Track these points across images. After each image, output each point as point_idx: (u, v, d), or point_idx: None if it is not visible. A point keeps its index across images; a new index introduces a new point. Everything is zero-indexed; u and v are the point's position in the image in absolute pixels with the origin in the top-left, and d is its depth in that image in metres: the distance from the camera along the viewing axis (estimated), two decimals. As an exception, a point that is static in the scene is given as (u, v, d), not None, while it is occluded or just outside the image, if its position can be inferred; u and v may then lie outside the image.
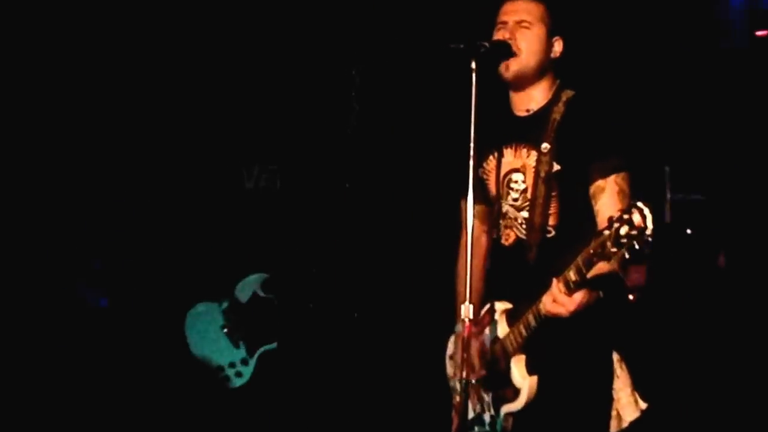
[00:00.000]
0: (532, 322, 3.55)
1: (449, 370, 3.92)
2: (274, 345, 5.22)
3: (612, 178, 3.56)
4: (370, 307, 5.24)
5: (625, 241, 3.06)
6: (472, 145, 3.44)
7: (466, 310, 3.43)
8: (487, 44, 3.55)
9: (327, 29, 5.34)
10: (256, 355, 5.28)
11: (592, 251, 3.20)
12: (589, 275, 3.32)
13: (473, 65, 3.47)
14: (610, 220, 3.12)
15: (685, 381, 5.13)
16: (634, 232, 3.05)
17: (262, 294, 5.32)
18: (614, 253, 3.10)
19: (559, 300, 3.39)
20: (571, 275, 3.32)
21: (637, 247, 3.04)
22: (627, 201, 3.49)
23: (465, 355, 3.42)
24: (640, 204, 3.06)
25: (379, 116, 5.32)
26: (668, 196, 5.40)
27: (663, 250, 4.81)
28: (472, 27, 3.77)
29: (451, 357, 3.91)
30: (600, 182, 3.57)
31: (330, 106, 5.36)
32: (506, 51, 3.64)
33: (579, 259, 3.28)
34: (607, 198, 3.55)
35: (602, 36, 5.06)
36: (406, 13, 5.22)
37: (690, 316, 5.24)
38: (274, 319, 5.22)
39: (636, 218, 3.05)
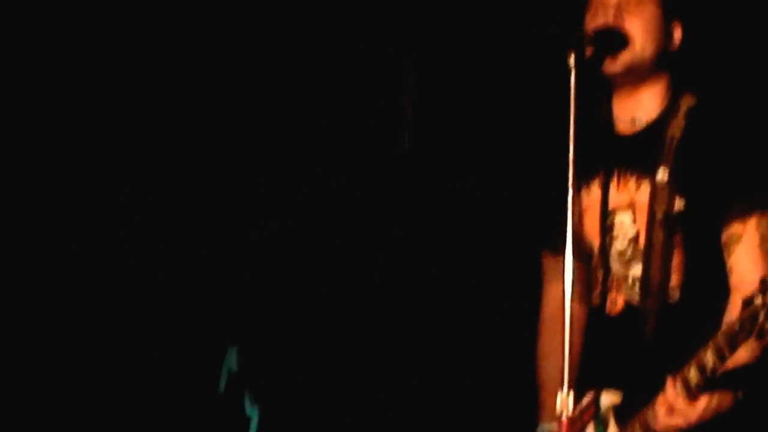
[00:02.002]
0: (652, 427, 3.09)
1: None
2: None
3: (753, 222, 3.15)
4: (417, 401, 4.84)
5: None
6: (570, 170, 2.95)
7: (564, 402, 2.92)
8: (589, 33, 3.16)
9: (368, 13, 4.93)
10: None
11: (738, 326, 2.78)
12: (731, 362, 2.90)
13: (571, 61, 2.98)
14: (764, 282, 2.72)
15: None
16: None
17: (234, 369, 4.92)
18: None
19: (676, 408, 2.99)
20: (695, 374, 2.92)
21: None
22: None
23: None
24: None
25: (439, 131, 4.87)
26: None
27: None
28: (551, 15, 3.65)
29: None
30: (736, 226, 3.15)
31: (373, 115, 4.94)
32: (617, 40, 3.19)
33: (719, 337, 2.86)
34: (744, 249, 3.14)
35: (737, 21, 4.46)
36: None
37: None
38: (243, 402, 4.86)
39: None
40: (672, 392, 3.00)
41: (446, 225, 4.87)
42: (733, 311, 3.01)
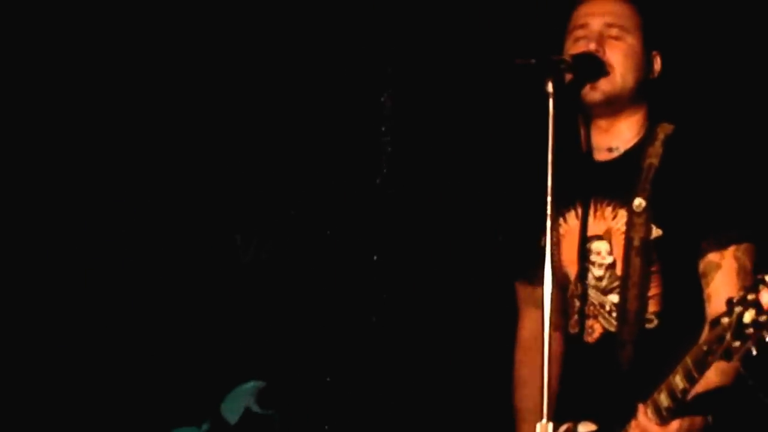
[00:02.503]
0: None
1: None
2: None
3: (731, 250, 3.15)
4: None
5: (751, 330, 2.68)
6: (549, 198, 2.97)
7: None
8: (568, 59, 3.12)
9: (345, 40, 4.90)
10: None
11: (706, 347, 2.79)
12: (694, 390, 2.90)
13: (549, 88, 2.99)
14: (730, 304, 2.72)
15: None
16: (763, 318, 2.67)
17: (256, 409, 4.82)
18: (737, 348, 2.70)
19: None
20: (665, 398, 2.94)
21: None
22: (749, 283, 3.00)
23: None
24: None
25: (417, 158, 4.84)
26: None
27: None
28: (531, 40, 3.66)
29: None
30: (713, 256, 3.17)
31: (351, 143, 4.90)
32: (596, 67, 3.17)
33: (687, 360, 2.87)
34: (722, 278, 3.16)
35: (715, 50, 4.47)
36: (454, 17, 4.75)
37: None
38: None
39: (765, 298, 2.68)
40: (644, 418, 2.98)
41: (423, 252, 4.83)
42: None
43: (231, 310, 5.11)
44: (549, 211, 2.99)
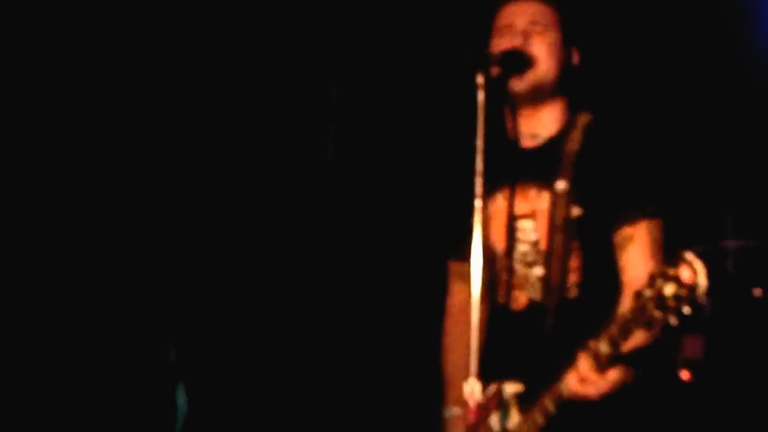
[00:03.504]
0: (551, 408, 3.15)
1: None
2: None
3: (642, 225, 3.26)
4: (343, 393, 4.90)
5: (671, 303, 2.75)
6: (478, 180, 3.09)
7: (471, 391, 3.05)
8: (497, 53, 3.23)
9: (294, 38, 4.95)
10: None
11: (630, 316, 2.88)
12: (625, 347, 2.98)
13: (480, 80, 3.10)
14: (652, 277, 2.80)
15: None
16: (682, 292, 2.73)
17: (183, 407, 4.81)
18: (658, 318, 2.78)
19: (587, 379, 3.05)
20: (603, 347, 2.98)
21: (686, 310, 2.74)
22: (660, 254, 3.22)
23: None
24: (689, 256, 2.73)
25: (359, 145, 4.94)
26: (731, 247, 4.85)
27: (724, 314, 4.32)
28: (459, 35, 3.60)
29: None
30: (627, 230, 3.26)
31: (300, 131, 4.97)
32: (522, 61, 3.28)
33: (613, 327, 2.95)
34: (635, 250, 3.25)
35: (631, 49, 4.63)
36: (391, 18, 4.83)
37: (758, 398, 4.74)
38: None
39: (685, 274, 2.72)
40: (584, 363, 3.04)
41: (364, 229, 4.92)
42: (625, 305, 3.07)
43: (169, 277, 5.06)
44: (478, 193, 3.10)
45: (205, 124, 5.06)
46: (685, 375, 3.45)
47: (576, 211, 3.29)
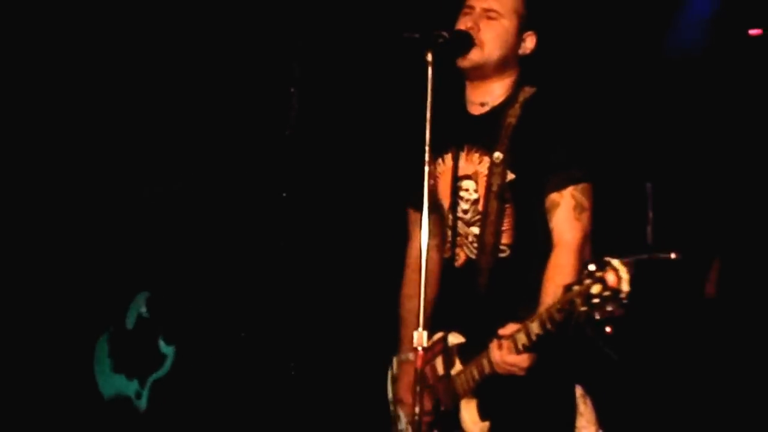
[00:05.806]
0: (487, 369, 3.35)
1: (391, 396, 3.74)
2: (165, 371, 4.88)
3: (569, 190, 3.40)
4: (304, 330, 5.02)
5: (596, 301, 2.89)
6: (427, 146, 3.22)
7: (420, 338, 3.17)
8: (445, 34, 3.36)
9: (260, 16, 5.07)
10: (147, 386, 4.94)
11: (559, 307, 3.03)
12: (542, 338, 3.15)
13: (429, 57, 3.27)
14: (581, 275, 2.95)
15: (657, 416, 4.89)
16: (606, 293, 2.87)
17: (145, 314, 5.01)
18: (583, 312, 2.92)
19: (509, 362, 3.26)
20: (522, 337, 3.18)
21: (609, 309, 2.86)
22: (586, 216, 3.38)
23: (419, 389, 3.20)
24: (615, 263, 2.86)
25: (321, 115, 5.07)
26: (650, 215, 5.13)
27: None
28: (431, 14, 3.67)
29: (394, 384, 3.73)
30: (554, 195, 3.42)
31: (265, 103, 5.08)
32: (467, 43, 3.46)
33: (543, 316, 3.12)
34: (562, 213, 3.40)
35: (582, 35, 4.87)
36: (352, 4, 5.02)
37: (668, 345, 5.04)
38: (158, 343, 4.92)
39: (610, 278, 2.86)
40: (506, 350, 3.23)
41: (327, 191, 5.08)
42: (554, 262, 3.35)
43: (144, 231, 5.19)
44: (427, 153, 3.23)
45: (167, 102, 5.19)
46: (608, 329, 3.54)
47: (510, 177, 3.46)
